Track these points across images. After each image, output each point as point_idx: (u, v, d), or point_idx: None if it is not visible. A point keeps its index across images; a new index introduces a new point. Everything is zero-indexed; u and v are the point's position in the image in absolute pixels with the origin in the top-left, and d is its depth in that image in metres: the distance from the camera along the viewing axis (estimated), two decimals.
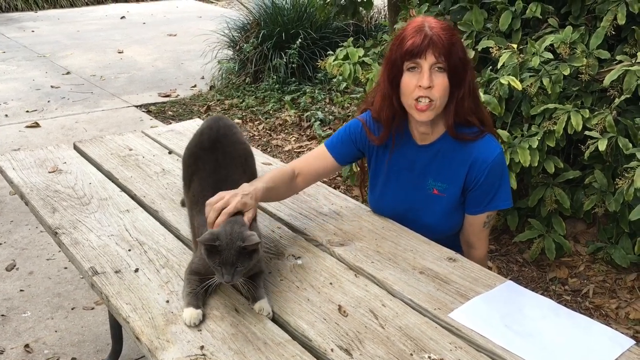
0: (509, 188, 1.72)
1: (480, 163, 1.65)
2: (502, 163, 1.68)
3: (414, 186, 1.74)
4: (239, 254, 1.29)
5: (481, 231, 1.75)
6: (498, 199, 1.70)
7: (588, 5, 2.68)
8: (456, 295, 1.38)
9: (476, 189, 1.68)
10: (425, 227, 1.71)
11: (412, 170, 1.74)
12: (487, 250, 1.81)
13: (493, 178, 1.67)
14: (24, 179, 1.99)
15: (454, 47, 1.57)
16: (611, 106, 2.41)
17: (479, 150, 1.65)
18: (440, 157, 1.70)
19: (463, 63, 1.60)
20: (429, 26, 1.57)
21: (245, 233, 1.33)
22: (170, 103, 5.35)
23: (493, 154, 1.65)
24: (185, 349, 1.21)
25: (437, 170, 1.71)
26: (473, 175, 1.67)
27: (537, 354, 1.20)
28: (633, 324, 2.37)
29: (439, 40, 1.55)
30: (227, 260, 1.28)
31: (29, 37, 8.00)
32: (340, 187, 3.59)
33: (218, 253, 1.29)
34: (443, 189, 1.71)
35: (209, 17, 8.58)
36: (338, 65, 3.16)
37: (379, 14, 5.98)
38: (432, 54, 1.54)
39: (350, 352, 1.20)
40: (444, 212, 1.72)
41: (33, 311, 2.61)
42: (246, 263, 1.31)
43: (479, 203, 1.70)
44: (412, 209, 1.76)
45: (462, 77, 1.60)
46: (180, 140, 2.30)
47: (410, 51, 1.56)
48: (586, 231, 2.86)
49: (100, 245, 1.59)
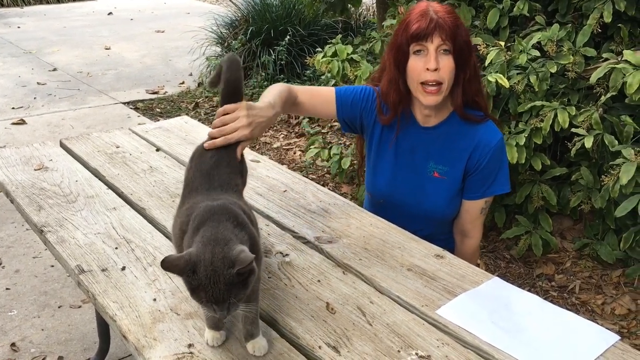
0: (508, 173, 1.75)
1: (483, 146, 1.68)
2: (503, 148, 1.72)
3: (414, 169, 1.77)
4: (229, 285, 1.02)
5: (477, 218, 1.78)
6: (497, 184, 1.72)
7: (575, 3, 2.69)
8: (443, 292, 1.39)
9: (477, 173, 1.71)
10: (424, 209, 1.72)
11: (414, 153, 1.76)
12: (480, 239, 1.82)
13: (494, 162, 1.69)
14: (10, 176, 1.97)
15: (458, 30, 1.60)
16: (597, 103, 2.43)
17: (483, 134, 1.69)
18: (443, 140, 1.72)
19: (467, 45, 1.64)
20: (433, 10, 1.61)
21: (232, 252, 1.03)
22: (158, 100, 5.32)
23: (496, 138, 1.69)
24: (173, 347, 1.21)
25: (439, 152, 1.73)
26: (475, 159, 1.69)
27: (523, 350, 1.21)
28: (618, 320, 2.40)
29: (444, 23, 1.58)
30: (216, 297, 1.02)
31: (14, 33, 7.92)
32: (328, 184, 3.59)
33: (201, 288, 1.02)
34: (444, 172, 1.73)
35: (197, 14, 8.55)
36: (327, 62, 3.16)
37: (367, 11, 5.98)
38: (439, 36, 1.58)
39: (338, 349, 1.20)
40: (444, 195, 1.75)
41: (19, 309, 2.59)
42: (242, 293, 1.04)
43: (479, 188, 1.72)
44: (411, 191, 1.77)
45: (467, 59, 1.63)
46: (168, 138, 2.29)
47: (417, 34, 1.59)
48: (572, 228, 2.89)
49: (86, 243, 1.58)
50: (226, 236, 1.08)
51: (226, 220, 1.13)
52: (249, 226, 1.18)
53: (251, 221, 1.24)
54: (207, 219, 1.13)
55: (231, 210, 1.17)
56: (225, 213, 1.15)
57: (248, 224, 1.18)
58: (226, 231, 1.10)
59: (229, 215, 1.15)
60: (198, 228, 1.13)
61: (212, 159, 1.39)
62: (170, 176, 1.97)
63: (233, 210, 1.17)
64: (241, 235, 1.13)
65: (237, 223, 1.14)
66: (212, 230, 1.10)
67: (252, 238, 1.16)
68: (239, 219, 1.16)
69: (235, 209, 1.19)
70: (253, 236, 1.18)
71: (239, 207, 1.22)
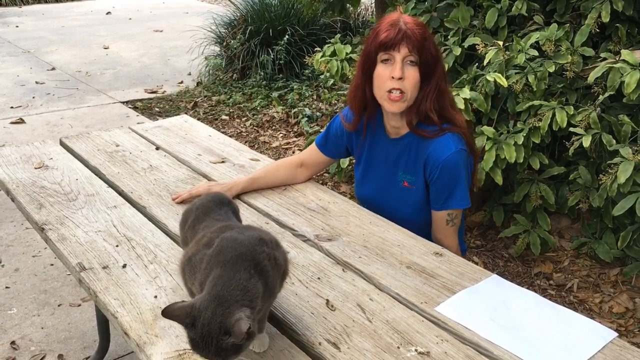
0: (466, 188, 1.72)
1: (433, 161, 1.70)
2: (456, 162, 1.68)
3: (388, 178, 1.82)
4: (221, 349, 1.01)
5: (445, 228, 1.77)
6: (455, 199, 1.72)
7: (573, 3, 2.71)
8: (442, 289, 1.40)
9: (432, 185, 1.74)
10: (401, 220, 1.73)
11: (387, 163, 1.81)
12: (456, 249, 1.78)
13: (447, 177, 1.69)
14: (10, 174, 1.98)
15: (426, 43, 1.63)
16: (595, 103, 2.44)
17: (433, 149, 1.70)
18: (408, 151, 1.76)
19: (434, 59, 1.66)
20: (403, 21, 1.64)
21: (232, 317, 1.00)
22: (156, 99, 5.32)
23: (446, 153, 1.67)
24: (174, 343, 1.22)
25: (405, 163, 1.77)
26: (428, 172, 1.72)
27: (522, 346, 1.22)
28: (616, 318, 2.41)
29: (412, 34, 1.61)
30: (207, 354, 1.02)
31: (13, 32, 7.92)
32: (327, 183, 3.59)
33: (195, 341, 1.03)
34: (412, 182, 1.77)
35: (195, 13, 8.55)
36: (325, 62, 3.17)
37: (366, 10, 5.99)
38: (406, 47, 1.61)
39: (338, 346, 1.21)
40: (415, 204, 1.78)
41: (19, 308, 2.59)
42: (232, 356, 1.03)
43: (437, 200, 1.75)
44: (388, 201, 1.82)
45: (432, 72, 1.66)
46: (168, 136, 2.30)
47: (385, 43, 1.62)
48: (570, 226, 2.90)
49: (87, 241, 1.59)
50: (233, 296, 1.04)
51: (244, 270, 1.08)
52: (267, 271, 1.12)
53: (275, 259, 1.16)
54: (227, 260, 1.09)
55: (254, 255, 1.11)
56: (246, 259, 1.10)
57: (267, 269, 1.12)
58: (236, 288, 1.05)
59: (250, 262, 1.10)
60: (216, 264, 1.09)
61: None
62: (170, 175, 1.98)
63: (256, 256, 1.11)
64: (254, 290, 1.07)
65: (256, 271, 1.10)
66: (223, 282, 1.06)
67: (266, 285, 1.11)
68: (258, 266, 1.11)
69: (259, 250, 1.13)
70: (267, 284, 1.12)
71: (264, 243, 1.16)
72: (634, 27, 2.64)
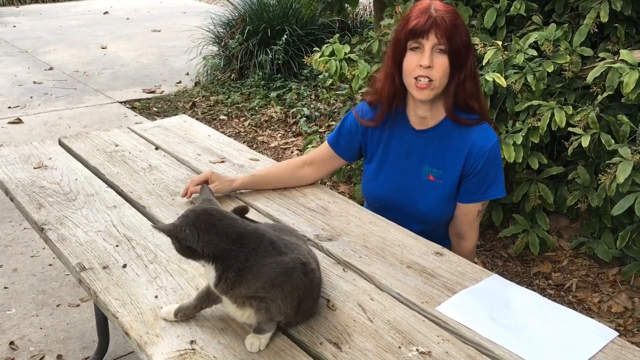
0: (503, 177, 1.75)
1: (477, 150, 1.68)
2: (498, 152, 1.72)
3: (409, 172, 1.77)
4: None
5: (474, 220, 1.78)
6: (494, 188, 1.72)
7: (571, 3, 2.71)
8: (443, 289, 1.40)
9: (473, 177, 1.70)
10: (419, 213, 1.72)
11: (409, 157, 1.76)
12: (477, 240, 1.82)
13: (490, 166, 1.69)
14: (9, 174, 1.97)
15: (456, 30, 1.60)
16: (594, 103, 2.45)
17: (476, 138, 1.68)
18: (438, 143, 1.72)
19: (465, 47, 1.63)
20: (434, 8, 1.61)
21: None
22: (155, 99, 5.32)
23: (490, 141, 1.68)
24: (175, 343, 1.21)
25: (434, 156, 1.73)
26: (470, 163, 1.69)
27: (522, 345, 1.22)
28: (615, 317, 2.41)
29: (442, 22, 1.58)
30: None
31: (10, 32, 7.90)
32: (326, 183, 3.59)
33: None
34: (439, 175, 1.73)
35: (193, 13, 8.54)
36: (324, 62, 3.17)
37: (364, 10, 6.00)
38: (435, 35, 1.58)
39: (339, 346, 1.21)
40: (438, 198, 1.75)
41: (18, 308, 2.59)
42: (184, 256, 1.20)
43: (476, 191, 1.72)
44: (406, 195, 1.77)
45: (463, 60, 1.63)
46: (167, 136, 2.29)
47: (414, 31, 1.60)
48: (569, 226, 2.90)
49: (87, 241, 1.58)
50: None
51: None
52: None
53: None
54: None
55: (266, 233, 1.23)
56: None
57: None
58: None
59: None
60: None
61: None
62: (169, 174, 1.98)
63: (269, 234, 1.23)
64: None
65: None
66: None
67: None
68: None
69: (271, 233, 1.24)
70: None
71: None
72: (632, 27, 2.64)
